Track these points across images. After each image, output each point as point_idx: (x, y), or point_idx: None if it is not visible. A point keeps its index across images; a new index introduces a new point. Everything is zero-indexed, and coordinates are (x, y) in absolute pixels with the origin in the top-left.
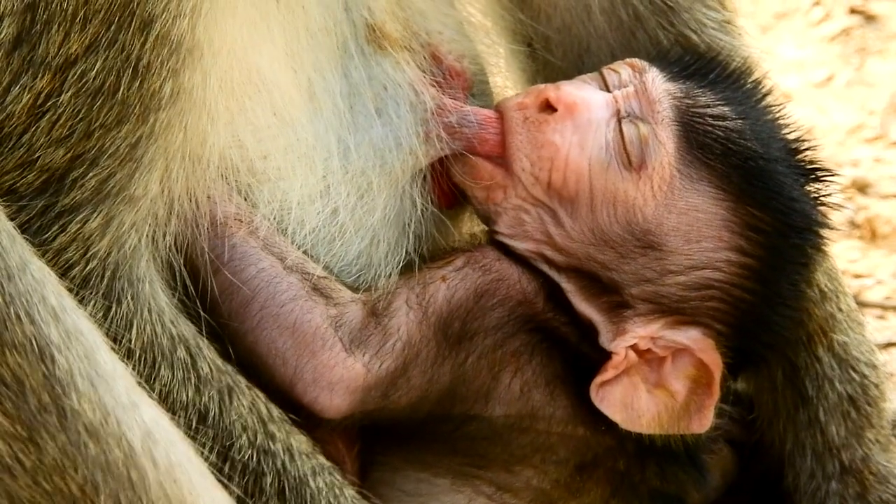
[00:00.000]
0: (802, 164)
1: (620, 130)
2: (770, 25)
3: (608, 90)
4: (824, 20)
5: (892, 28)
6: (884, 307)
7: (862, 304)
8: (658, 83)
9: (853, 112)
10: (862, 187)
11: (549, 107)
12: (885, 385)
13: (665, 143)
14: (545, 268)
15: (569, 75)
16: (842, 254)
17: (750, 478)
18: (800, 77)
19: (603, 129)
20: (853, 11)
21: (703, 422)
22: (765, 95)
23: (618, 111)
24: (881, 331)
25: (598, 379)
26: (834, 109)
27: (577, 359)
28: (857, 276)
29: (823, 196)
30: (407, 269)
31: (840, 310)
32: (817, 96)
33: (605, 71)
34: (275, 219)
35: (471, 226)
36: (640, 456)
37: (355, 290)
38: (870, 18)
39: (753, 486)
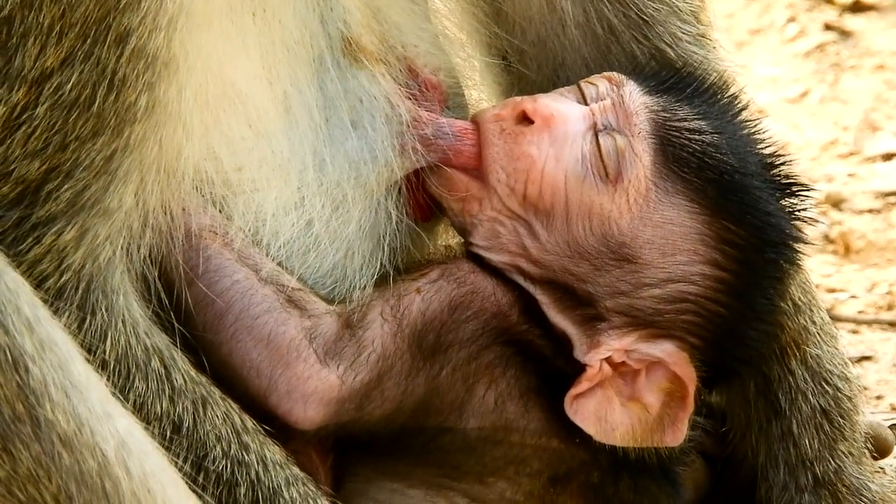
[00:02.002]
0: (778, 178)
1: (597, 143)
2: (745, 41)
3: (585, 103)
4: (799, 36)
5: (867, 44)
6: (857, 321)
7: (835, 319)
8: (635, 96)
9: (827, 128)
10: (836, 203)
11: (525, 119)
12: (859, 398)
13: (641, 156)
14: (520, 280)
15: (544, 89)
16: (816, 268)
17: (723, 491)
18: (774, 93)
19: (579, 141)
20: (828, 27)
21: (678, 435)
22: (741, 110)
23: (594, 124)
24: (855, 345)
25: (573, 391)
26: (808, 125)
27: (552, 371)
28: (831, 291)
29: (798, 211)
30: (381, 281)
31: (813, 322)
32: (791, 112)
33: (583, 84)
34: (249, 231)
35: (446, 238)
36: (614, 469)
37: (330, 301)
38: (844, 34)
39: (726, 499)
